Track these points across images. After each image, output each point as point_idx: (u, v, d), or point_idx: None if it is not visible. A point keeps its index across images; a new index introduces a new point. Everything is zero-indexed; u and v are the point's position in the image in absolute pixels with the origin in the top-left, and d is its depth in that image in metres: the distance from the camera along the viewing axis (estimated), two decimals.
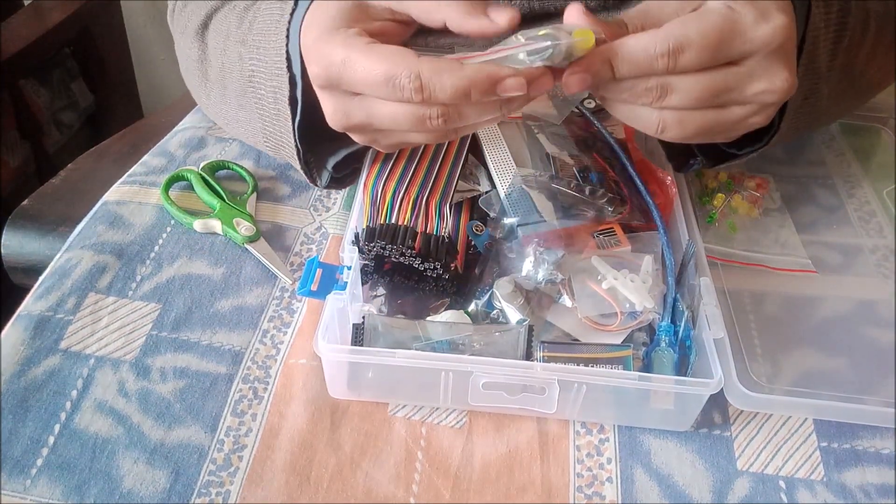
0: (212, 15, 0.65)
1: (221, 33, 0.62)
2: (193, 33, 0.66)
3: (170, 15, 0.73)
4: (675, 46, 0.44)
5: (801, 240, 0.67)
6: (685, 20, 0.45)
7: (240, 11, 0.61)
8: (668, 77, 0.45)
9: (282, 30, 0.54)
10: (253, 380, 0.56)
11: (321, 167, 0.63)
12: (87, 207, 0.68)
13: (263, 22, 0.57)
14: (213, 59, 0.64)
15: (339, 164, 0.63)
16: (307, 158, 0.61)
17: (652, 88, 0.46)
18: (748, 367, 0.55)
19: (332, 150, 0.62)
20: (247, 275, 0.63)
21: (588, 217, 0.60)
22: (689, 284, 0.57)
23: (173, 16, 0.72)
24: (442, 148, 0.63)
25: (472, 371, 0.50)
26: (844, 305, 0.62)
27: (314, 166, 0.62)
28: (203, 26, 0.65)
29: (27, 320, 0.58)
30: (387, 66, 0.44)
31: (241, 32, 0.60)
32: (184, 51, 0.68)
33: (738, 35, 0.45)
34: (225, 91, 0.64)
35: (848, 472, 0.52)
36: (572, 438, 0.53)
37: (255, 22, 0.58)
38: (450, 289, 0.58)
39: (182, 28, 0.68)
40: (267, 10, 0.57)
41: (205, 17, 0.65)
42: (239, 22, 0.60)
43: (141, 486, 0.49)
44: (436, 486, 0.50)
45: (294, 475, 0.50)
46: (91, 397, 0.54)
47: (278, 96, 0.57)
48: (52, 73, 1.48)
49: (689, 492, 0.51)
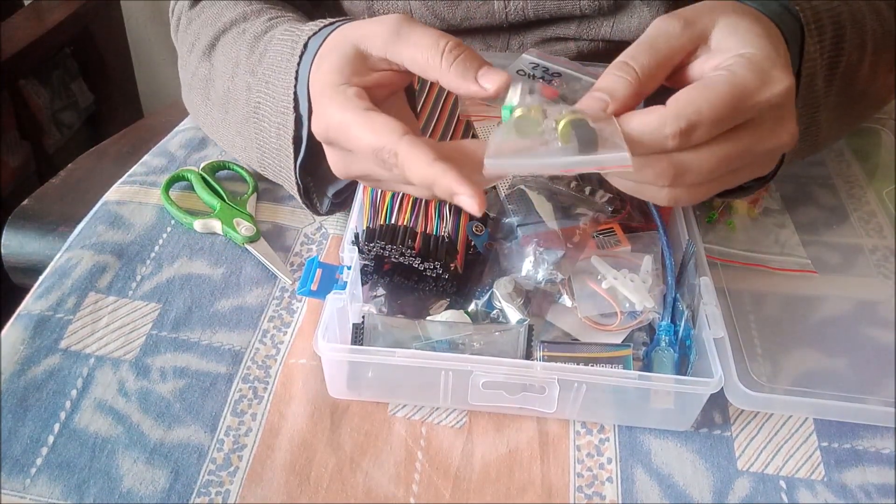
0: (219, 37, 0.65)
1: (231, 59, 0.62)
2: (201, 53, 0.66)
3: (174, 31, 0.73)
4: (687, 126, 0.43)
5: (801, 240, 0.67)
6: (693, 94, 0.43)
7: (250, 39, 0.61)
8: (680, 156, 0.44)
9: (291, 69, 0.55)
10: (253, 379, 0.56)
11: (322, 195, 0.64)
12: (87, 207, 0.68)
13: (274, 57, 0.58)
14: (217, 82, 0.64)
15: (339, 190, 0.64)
16: (307, 185, 0.61)
17: (663, 173, 0.45)
18: (748, 367, 0.55)
19: (332, 179, 0.62)
20: (247, 275, 0.63)
21: (588, 217, 0.60)
22: (689, 284, 0.57)
23: (178, 32, 0.72)
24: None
25: (471, 370, 0.50)
26: (844, 305, 0.62)
27: (315, 194, 0.63)
28: (210, 47, 0.65)
29: (27, 320, 0.58)
30: (373, 138, 0.45)
31: (251, 62, 0.60)
32: (189, 68, 0.69)
33: (745, 101, 0.44)
34: (226, 116, 0.64)
35: (848, 472, 0.52)
36: (572, 438, 0.53)
37: (265, 55, 0.59)
38: (450, 289, 0.58)
39: (189, 46, 0.68)
40: (279, 44, 0.58)
41: (212, 38, 0.65)
42: (249, 51, 0.61)
43: (140, 486, 0.49)
44: (436, 486, 0.50)
45: (294, 475, 0.50)
46: (91, 397, 0.54)
47: (281, 132, 0.58)
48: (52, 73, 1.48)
49: (689, 492, 0.51)
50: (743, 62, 0.45)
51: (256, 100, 0.59)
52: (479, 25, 0.77)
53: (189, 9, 0.70)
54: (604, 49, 0.78)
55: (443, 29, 0.79)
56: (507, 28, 0.78)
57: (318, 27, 0.55)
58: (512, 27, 0.77)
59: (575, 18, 0.75)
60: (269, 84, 0.58)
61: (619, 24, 0.75)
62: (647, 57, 0.47)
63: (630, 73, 0.46)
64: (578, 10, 0.73)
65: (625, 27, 0.75)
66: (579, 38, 0.77)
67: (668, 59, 0.47)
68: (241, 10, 0.65)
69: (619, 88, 0.45)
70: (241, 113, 0.62)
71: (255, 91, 0.59)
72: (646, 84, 0.46)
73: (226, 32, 0.65)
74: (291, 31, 0.57)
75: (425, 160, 0.43)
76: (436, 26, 0.78)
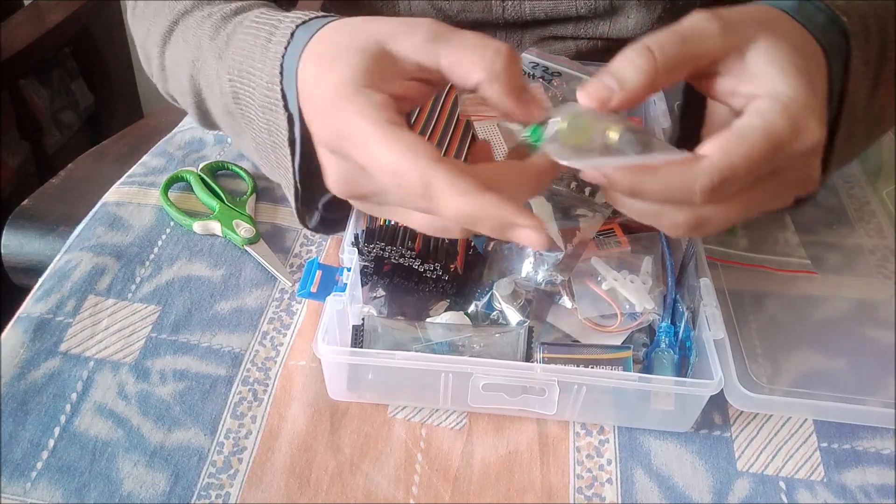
0: (178, 21, 0.58)
1: (192, 43, 0.56)
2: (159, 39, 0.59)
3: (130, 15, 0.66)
4: (720, 182, 0.39)
5: (801, 240, 0.67)
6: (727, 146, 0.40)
7: (215, 22, 0.55)
8: (702, 209, 0.42)
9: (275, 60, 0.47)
10: (253, 382, 0.56)
11: (312, 207, 0.56)
12: (87, 207, 0.68)
13: (244, 42, 0.51)
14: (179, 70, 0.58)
15: (330, 205, 0.56)
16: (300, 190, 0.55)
17: (684, 224, 0.42)
18: (748, 368, 0.55)
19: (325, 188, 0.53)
20: (246, 276, 0.63)
21: (588, 218, 0.60)
22: (689, 285, 0.57)
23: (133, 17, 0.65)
24: (441, 149, 0.63)
25: (471, 372, 0.50)
26: (844, 306, 0.61)
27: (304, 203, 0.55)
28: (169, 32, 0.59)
29: (27, 322, 0.58)
30: (396, 159, 0.38)
31: (215, 46, 0.53)
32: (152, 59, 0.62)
33: (778, 153, 0.41)
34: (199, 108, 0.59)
35: (848, 473, 0.52)
36: (572, 440, 0.53)
37: (232, 38, 0.52)
38: (449, 290, 0.58)
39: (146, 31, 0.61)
40: (252, 28, 0.51)
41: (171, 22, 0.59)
42: (213, 34, 0.54)
43: (141, 489, 0.49)
44: (436, 488, 0.50)
45: (294, 477, 0.50)
46: (91, 400, 0.54)
47: (273, 129, 0.51)
48: (52, 73, 1.48)
49: (689, 493, 0.51)
50: (779, 110, 0.41)
51: (231, 89, 0.52)
52: (476, 20, 0.77)
53: None
54: (602, 47, 0.78)
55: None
56: (503, 26, 0.78)
57: (306, 16, 0.48)
58: (509, 25, 0.77)
59: (572, 19, 0.75)
60: (243, 73, 0.51)
61: (615, 24, 0.75)
62: (674, 49, 0.42)
63: (649, 62, 0.42)
64: (574, 10, 0.73)
65: (622, 27, 0.75)
66: (577, 37, 0.77)
67: (695, 59, 0.44)
68: None
69: (632, 78, 0.42)
70: (218, 102, 0.55)
71: (225, 79, 0.52)
72: (662, 78, 0.42)
73: (185, 16, 0.58)
74: (268, 15, 0.51)
75: (472, 191, 0.37)
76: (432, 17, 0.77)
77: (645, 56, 0.42)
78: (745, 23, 0.45)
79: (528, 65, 0.70)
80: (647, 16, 0.73)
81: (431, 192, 0.37)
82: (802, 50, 0.45)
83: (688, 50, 0.43)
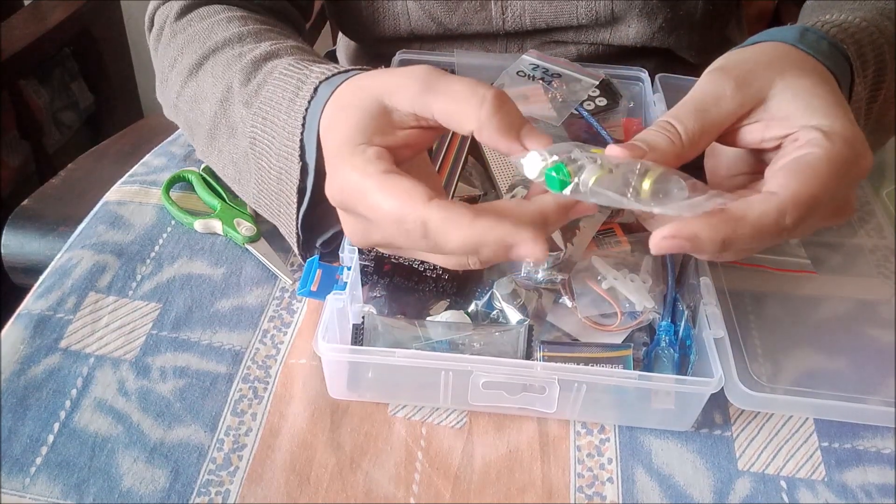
0: (208, 56, 0.60)
1: (221, 82, 0.57)
2: (186, 71, 0.61)
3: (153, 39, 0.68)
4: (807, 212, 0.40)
5: (800, 240, 0.67)
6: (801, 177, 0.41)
7: (247, 66, 0.56)
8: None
9: (298, 113, 0.50)
10: (253, 379, 0.56)
11: (311, 247, 0.58)
12: (88, 207, 0.68)
13: (273, 93, 0.53)
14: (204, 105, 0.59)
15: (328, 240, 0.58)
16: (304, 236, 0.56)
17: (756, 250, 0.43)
18: (748, 367, 0.55)
19: (322, 229, 0.57)
20: (247, 275, 0.63)
21: (588, 217, 0.60)
22: (690, 284, 0.57)
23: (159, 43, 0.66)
24: (441, 150, 0.63)
25: (471, 370, 0.50)
26: (844, 305, 0.61)
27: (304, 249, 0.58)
28: (198, 66, 0.60)
29: (27, 319, 0.58)
30: (395, 205, 0.39)
31: (245, 93, 0.55)
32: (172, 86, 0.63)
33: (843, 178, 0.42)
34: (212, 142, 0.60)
35: (849, 472, 0.52)
36: (573, 438, 0.53)
37: (263, 87, 0.54)
38: (449, 289, 0.58)
39: (171, 61, 0.63)
40: (282, 80, 0.53)
41: (201, 56, 0.60)
42: (245, 79, 0.56)
43: (140, 485, 0.49)
44: (436, 487, 0.50)
45: (294, 475, 0.50)
46: (91, 396, 0.54)
47: (283, 178, 0.53)
48: (52, 73, 1.48)
49: (689, 492, 0.51)
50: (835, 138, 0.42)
51: (251, 134, 0.54)
52: (476, 32, 0.77)
53: (175, 20, 0.64)
54: (604, 52, 0.78)
55: (440, 34, 0.79)
56: (504, 35, 0.78)
57: (329, 72, 0.50)
58: (510, 35, 0.77)
59: (573, 27, 0.75)
60: (266, 122, 0.53)
61: (616, 32, 0.75)
62: (693, 121, 0.43)
63: (674, 135, 0.43)
64: (575, 20, 0.74)
65: (622, 35, 0.75)
66: (579, 42, 0.77)
67: (717, 125, 0.44)
68: (235, 31, 0.60)
69: (661, 143, 0.42)
70: (234, 144, 0.57)
71: (249, 125, 0.54)
72: (689, 150, 0.43)
73: (216, 52, 0.59)
74: (297, 67, 0.53)
75: (464, 221, 0.38)
76: (433, 30, 0.78)
77: (668, 129, 0.43)
78: (757, 72, 0.45)
79: (528, 66, 0.70)
80: (647, 25, 0.73)
81: (429, 231, 0.39)
82: (822, 83, 0.45)
83: (706, 117, 0.43)
